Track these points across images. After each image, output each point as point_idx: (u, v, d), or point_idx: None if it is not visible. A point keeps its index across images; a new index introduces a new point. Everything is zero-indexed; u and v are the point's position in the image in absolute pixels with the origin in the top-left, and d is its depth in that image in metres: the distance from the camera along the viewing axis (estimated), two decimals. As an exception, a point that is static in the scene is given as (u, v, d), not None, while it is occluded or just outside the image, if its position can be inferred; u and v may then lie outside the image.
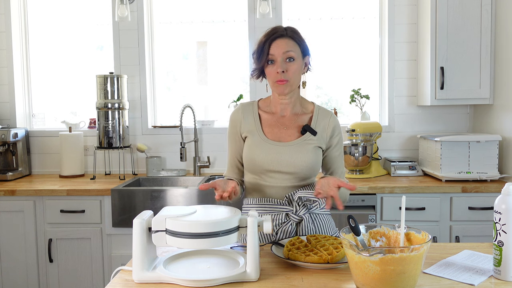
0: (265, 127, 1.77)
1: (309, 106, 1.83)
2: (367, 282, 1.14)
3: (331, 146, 1.79)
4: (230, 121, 1.82)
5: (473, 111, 3.26)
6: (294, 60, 1.69)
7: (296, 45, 1.71)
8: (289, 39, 1.70)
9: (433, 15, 2.92)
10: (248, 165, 1.75)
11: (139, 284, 1.28)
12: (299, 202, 1.68)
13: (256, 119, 1.78)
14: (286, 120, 1.78)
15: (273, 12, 3.23)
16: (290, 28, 1.73)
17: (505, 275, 1.25)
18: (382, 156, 3.29)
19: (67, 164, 3.21)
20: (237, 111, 1.82)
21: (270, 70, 1.70)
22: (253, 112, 1.80)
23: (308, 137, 1.74)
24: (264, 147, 1.71)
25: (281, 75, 1.67)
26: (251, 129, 1.76)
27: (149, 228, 1.30)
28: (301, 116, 1.79)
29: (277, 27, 1.73)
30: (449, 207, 2.70)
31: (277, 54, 1.67)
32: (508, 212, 1.23)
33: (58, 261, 2.82)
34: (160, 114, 3.50)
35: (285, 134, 1.75)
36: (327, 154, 1.80)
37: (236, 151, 1.80)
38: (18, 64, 3.42)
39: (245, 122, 1.78)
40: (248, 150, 1.74)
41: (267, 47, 1.68)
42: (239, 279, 1.28)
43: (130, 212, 2.73)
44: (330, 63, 3.50)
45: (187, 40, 3.56)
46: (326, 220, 1.77)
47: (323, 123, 1.78)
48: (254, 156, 1.71)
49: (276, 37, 1.68)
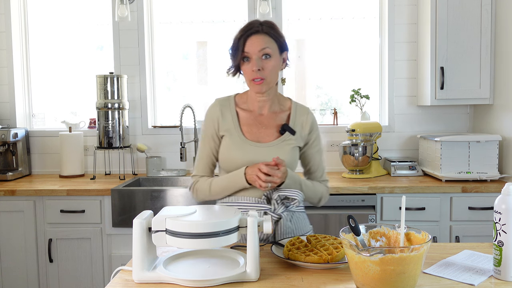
0: (244, 125, 1.73)
1: (286, 103, 1.80)
2: (367, 282, 1.14)
3: (309, 142, 1.78)
4: (207, 118, 1.76)
5: (473, 111, 3.26)
6: (271, 57, 1.64)
7: (272, 41, 1.65)
8: (265, 35, 1.64)
9: (433, 15, 2.92)
10: (225, 165, 1.72)
11: (139, 284, 1.28)
12: (278, 200, 1.65)
13: (234, 117, 1.74)
14: (265, 119, 1.74)
15: (273, 12, 3.23)
16: (266, 23, 1.67)
17: (505, 275, 1.25)
18: (382, 156, 3.29)
19: (67, 164, 3.21)
20: (214, 108, 1.76)
21: (245, 68, 1.66)
22: (231, 109, 1.75)
23: (287, 137, 1.72)
24: (243, 148, 1.68)
25: (257, 73, 1.63)
26: (229, 128, 1.72)
27: (149, 228, 1.30)
28: (279, 114, 1.76)
29: (252, 22, 1.67)
30: (449, 207, 2.70)
31: (252, 51, 1.63)
32: (508, 212, 1.23)
33: (58, 261, 2.82)
34: (160, 114, 3.50)
35: (264, 134, 1.72)
36: (305, 151, 1.78)
37: (212, 149, 1.75)
38: (18, 64, 3.42)
39: (223, 120, 1.73)
40: (226, 150, 1.70)
41: (242, 43, 1.64)
42: (239, 279, 1.28)
43: (130, 212, 2.73)
44: (330, 63, 3.50)
45: (187, 40, 3.56)
46: (302, 217, 1.76)
47: (301, 120, 1.76)
48: (232, 157, 1.68)
49: (251, 33, 1.64)
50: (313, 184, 1.78)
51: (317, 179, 1.82)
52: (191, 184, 1.79)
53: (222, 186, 1.70)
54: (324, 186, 1.82)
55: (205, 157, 1.77)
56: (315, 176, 1.82)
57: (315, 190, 1.77)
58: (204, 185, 1.74)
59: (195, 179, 1.78)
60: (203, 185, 1.74)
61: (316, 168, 1.81)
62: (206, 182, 1.74)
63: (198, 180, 1.77)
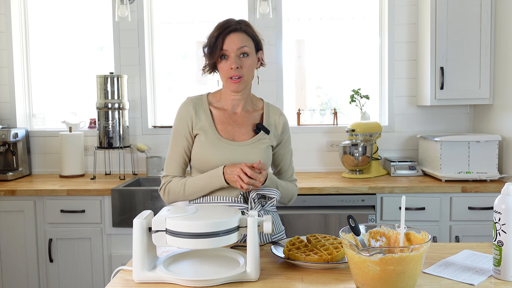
0: (218, 124, 1.71)
1: (258, 103, 1.81)
2: (367, 282, 1.14)
3: (281, 142, 1.78)
4: (179, 115, 1.72)
5: (473, 111, 3.26)
6: (249, 56, 1.65)
7: (250, 40, 1.66)
8: (243, 34, 1.65)
9: (433, 15, 2.92)
10: (198, 164, 1.69)
11: (139, 284, 1.28)
12: (255, 199, 1.62)
13: (207, 115, 1.72)
14: (238, 118, 1.74)
15: (273, 12, 3.24)
16: (243, 22, 1.68)
17: (505, 275, 1.25)
18: (382, 156, 3.29)
19: (67, 164, 3.22)
20: (187, 106, 1.73)
21: (223, 66, 1.65)
22: (204, 107, 1.73)
23: (262, 136, 1.72)
24: (218, 147, 1.66)
25: (235, 71, 1.63)
26: (204, 126, 1.69)
27: (149, 228, 1.30)
28: (252, 114, 1.76)
29: (229, 20, 1.67)
30: (449, 207, 2.70)
31: (230, 50, 1.63)
32: (507, 212, 1.23)
33: (58, 261, 2.82)
34: (160, 114, 3.50)
35: (239, 132, 1.71)
36: (276, 151, 1.79)
37: (184, 148, 1.71)
38: (18, 64, 3.42)
39: (197, 119, 1.70)
40: (201, 149, 1.67)
41: (221, 41, 1.63)
42: (239, 279, 1.28)
43: (130, 212, 2.74)
44: (330, 63, 3.50)
45: (187, 40, 3.56)
46: (275, 217, 1.77)
47: (273, 120, 1.77)
48: (208, 156, 1.65)
49: (230, 31, 1.63)
50: (286, 184, 1.79)
51: (287, 178, 1.83)
52: (161, 185, 1.73)
53: (198, 186, 1.66)
54: (295, 186, 1.84)
55: (176, 157, 1.71)
56: (285, 176, 1.83)
57: (288, 190, 1.78)
58: (177, 186, 1.69)
59: (166, 179, 1.72)
60: (176, 186, 1.69)
61: (287, 168, 1.82)
62: (179, 182, 1.69)
63: (170, 180, 1.71)
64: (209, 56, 1.67)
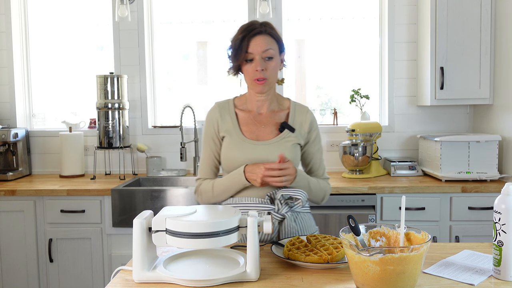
0: (243, 125, 1.75)
1: (285, 103, 1.82)
2: (367, 282, 1.14)
3: (309, 141, 1.78)
4: (207, 121, 1.79)
5: (473, 111, 3.26)
6: (273, 58, 1.67)
7: (274, 42, 1.68)
8: (267, 36, 1.67)
9: (433, 15, 2.92)
10: (226, 165, 1.74)
11: (139, 284, 1.28)
12: (282, 200, 1.65)
13: (233, 118, 1.76)
14: (263, 118, 1.76)
15: (273, 12, 3.24)
16: (268, 24, 1.70)
17: (505, 275, 1.25)
18: (382, 156, 3.29)
19: (67, 164, 3.22)
20: (213, 111, 1.79)
21: (248, 68, 1.68)
22: (230, 110, 1.77)
23: (287, 134, 1.73)
24: (243, 147, 1.70)
25: (260, 73, 1.65)
26: (229, 129, 1.74)
27: (149, 228, 1.30)
28: (278, 113, 1.78)
29: (253, 23, 1.69)
30: (449, 207, 2.70)
31: (256, 52, 1.65)
32: (508, 212, 1.23)
33: (58, 261, 2.82)
34: (160, 114, 3.50)
35: (263, 132, 1.73)
36: (305, 150, 1.79)
37: (213, 151, 1.77)
38: (18, 64, 3.42)
39: (222, 122, 1.75)
40: (226, 150, 1.72)
41: (246, 44, 1.65)
42: (239, 279, 1.28)
43: (130, 212, 2.74)
44: (330, 63, 3.50)
45: (187, 40, 3.56)
46: (307, 218, 1.77)
47: (300, 119, 1.77)
48: (232, 156, 1.70)
49: (255, 34, 1.65)
50: (318, 181, 1.79)
51: (318, 177, 1.83)
52: (196, 187, 1.81)
53: (224, 186, 1.71)
54: (327, 184, 1.84)
55: (207, 160, 1.79)
56: (317, 174, 1.83)
57: (320, 187, 1.78)
58: (207, 187, 1.76)
59: (199, 182, 1.80)
60: (206, 187, 1.76)
61: (317, 166, 1.82)
62: (208, 184, 1.76)
63: (202, 183, 1.79)
64: (234, 59, 1.70)
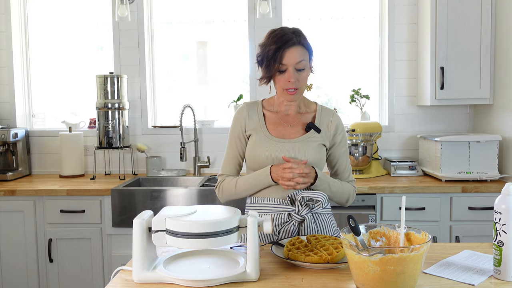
0: (269, 124, 1.78)
1: (312, 106, 1.85)
2: (367, 282, 1.14)
3: (335, 144, 1.80)
4: (234, 119, 1.82)
5: (473, 111, 3.26)
6: (305, 69, 1.68)
7: (306, 53, 1.69)
8: (301, 47, 1.67)
9: (433, 15, 2.92)
10: (251, 163, 1.76)
11: (139, 284, 1.28)
12: (302, 201, 1.67)
13: (260, 117, 1.79)
14: (290, 118, 1.79)
15: (273, 12, 3.23)
16: (300, 34, 1.69)
17: (505, 275, 1.25)
18: (382, 156, 3.29)
19: (67, 164, 3.21)
20: (242, 110, 1.82)
21: (280, 78, 1.68)
22: (258, 110, 1.81)
23: (312, 134, 1.75)
24: (268, 144, 1.72)
25: (292, 84, 1.66)
26: (256, 127, 1.77)
27: (149, 228, 1.30)
28: (304, 115, 1.81)
29: (286, 32, 1.67)
30: (449, 207, 2.70)
31: (289, 64, 1.65)
32: (508, 212, 1.23)
33: (58, 261, 2.82)
34: (160, 114, 3.50)
35: (289, 131, 1.76)
36: (331, 152, 1.81)
37: (239, 150, 1.80)
38: (18, 64, 3.42)
39: (250, 121, 1.78)
40: (251, 147, 1.75)
41: (280, 56, 1.64)
42: (239, 279, 1.28)
43: (130, 212, 2.73)
44: (330, 63, 3.50)
45: (187, 40, 3.56)
46: (328, 220, 1.77)
47: (326, 121, 1.79)
48: (257, 153, 1.72)
49: (290, 46, 1.64)
50: (342, 184, 1.79)
51: (344, 179, 1.84)
52: (217, 183, 1.83)
53: (248, 183, 1.73)
54: (352, 186, 1.83)
55: (231, 157, 1.81)
56: (342, 177, 1.84)
57: (343, 189, 1.78)
58: (230, 184, 1.77)
59: (221, 178, 1.82)
60: (229, 184, 1.78)
61: (343, 168, 1.83)
62: (231, 181, 1.78)
63: (224, 179, 1.81)
64: (266, 69, 1.68)
